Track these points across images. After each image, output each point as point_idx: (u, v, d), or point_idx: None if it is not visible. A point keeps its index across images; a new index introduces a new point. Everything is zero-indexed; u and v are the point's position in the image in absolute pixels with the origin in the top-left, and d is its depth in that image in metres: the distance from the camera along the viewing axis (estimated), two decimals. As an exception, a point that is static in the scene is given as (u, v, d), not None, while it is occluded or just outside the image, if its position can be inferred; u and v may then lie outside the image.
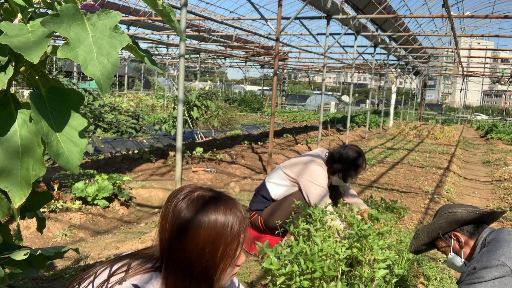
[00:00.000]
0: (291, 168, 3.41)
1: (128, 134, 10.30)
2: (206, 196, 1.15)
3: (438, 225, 1.97)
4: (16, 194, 1.06)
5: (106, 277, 1.15)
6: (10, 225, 3.43)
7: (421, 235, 2.04)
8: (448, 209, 1.98)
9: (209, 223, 1.10)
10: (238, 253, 1.16)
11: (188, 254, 1.10)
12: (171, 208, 1.14)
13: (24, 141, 1.08)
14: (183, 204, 1.13)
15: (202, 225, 1.10)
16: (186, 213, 1.12)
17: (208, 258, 1.10)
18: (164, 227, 1.13)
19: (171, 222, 1.12)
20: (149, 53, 1.18)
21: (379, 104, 28.92)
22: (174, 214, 1.12)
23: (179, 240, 1.10)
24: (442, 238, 1.97)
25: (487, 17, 10.18)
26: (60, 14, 0.95)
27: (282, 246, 2.39)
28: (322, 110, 9.10)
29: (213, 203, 1.13)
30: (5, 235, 1.42)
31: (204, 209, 1.12)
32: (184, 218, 1.11)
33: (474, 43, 38.14)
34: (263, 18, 7.99)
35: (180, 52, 4.32)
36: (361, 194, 5.68)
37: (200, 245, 1.10)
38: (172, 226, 1.12)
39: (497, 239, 1.78)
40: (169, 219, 1.13)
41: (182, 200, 1.14)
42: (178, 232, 1.11)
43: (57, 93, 1.10)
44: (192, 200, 1.13)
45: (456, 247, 1.96)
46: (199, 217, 1.10)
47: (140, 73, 37.58)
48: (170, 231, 1.12)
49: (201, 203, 1.13)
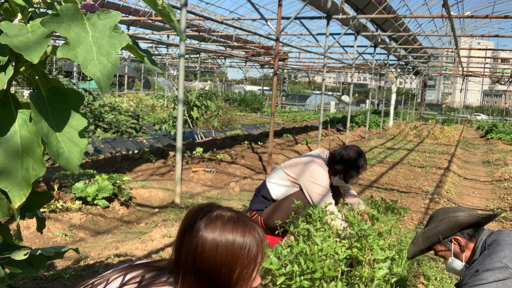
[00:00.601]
0: (291, 168, 3.41)
1: (128, 134, 10.30)
2: (225, 216, 1.13)
3: (439, 230, 1.94)
4: (16, 194, 1.06)
5: (119, 286, 1.13)
6: (10, 225, 3.43)
7: (420, 241, 2.01)
8: (447, 213, 1.95)
9: (227, 244, 1.09)
10: (255, 276, 1.14)
11: (204, 274, 1.09)
12: (189, 225, 1.12)
13: (24, 141, 1.08)
14: (202, 224, 1.11)
15: (219, 246, 1.08)
16: (204, 232, 1.10)
17: (223, 280, 1.09)
18: (181, 245, 1.12)
19: (188, 240, 1.11)
20: (149, 53, 1.18)
21: (379, 104, 28.93)
22: (192, 232, 1.11)
23: (195, 259, 1.09)
24: (443, 242, 1.95)
25: (487, 17, 10.18)
26: (60, 14, 0.95)
27: (282, 246, 2.40)
28: (322, 110, 9.10)
29: (232, 223, 1.12)
30: (5, 235, 1.42)
31: (222, 229, 1.10)
32: (201, 237, 1.09)
33: (474, 43, 38.14)
34: (263, 18, 7.99)
35: (180, 52, 4.32)
36: (361, 194, 5.68)
37: (217, 266, 1.08)
38: (189, 245, 1.10)
39: (498, 241, 1.77)
40: (186, 237, 1.11)
41: (201, 219, 1.12)
42: (195, 251, 1.09)
43: (57, 93, 1.10)
44: (210, 220, 1.12)
45: (456, 251, 1.94)
46: (217, 238, 1.09)
47: (140, 73, 37.58)
48: (187, 249, 1.10)
49: (219, 223, 1.11)
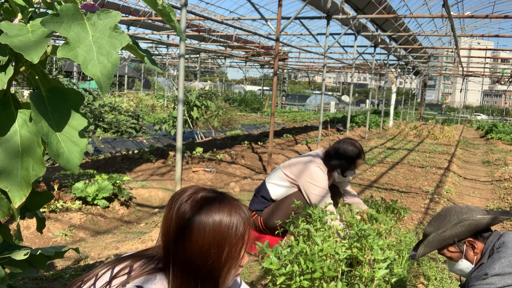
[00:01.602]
0: (290, 168, 3.41)
1: (128, 134, 10.30)
2: (210, 198, 1.14)
3: (456, 232, 1.87)
4: (16, 194, 1.06)
5: (108, 280, 1.14)
6: (10, 225, 3.43)
7: (434, 244, 1.93)
8: (461, 215, 1.88)
9: (214, 225, 1.10)
10: (243, 254, 1.15)
11: (193, 256, 1.10)
12: (175, 210, 1.13)
13: (24, 141, 1.08)
14: (187, 206, 1.12)
15: (207, 227, 1.09)
16: (190, 215, 1.11)
17: (213, 260, 1.10)
18: (168, 229, 1.13)
19: (176, 224, 1.11)
20: (149, 53, 1.18)
21: (379, 104, 28.92)
22: (178, 216, 1.12)
23: (184, 242, 1.10)
24: (456, 244, 1.89)
25: (487, 17, 10.18)
26: (60, 14, 0.95)
27: (282, 246, 2.40)
28: (322, 110, 9.10)
29: (217, 204, 1.13)
30: (5, 235, 1.42)
31: (209, 210, 1.11)
32: (188, 220, 1.10)
33: (474, 43, 38.15)
34: (263, 18, 7.99)
35: (180, 52, 4.32)
36: (361, 194, 5.68)
37: (206, 247, 1.09)
38: (177, 228, 1.11)
39: (507, 245, 1.74)
40: (173, 221, 1.12)
41: (186, 201, 1.13)
42: (183, 234, 1.10)
43: (57, 93, 1.10)
44: (196, 202, 1.13)
45: (469, 254, 1.89)
46: (203, 219, 1.10)
47: (140, 73, 37.57)
48: (175, 233, 1.11)
49: (205, 204, 1.12)
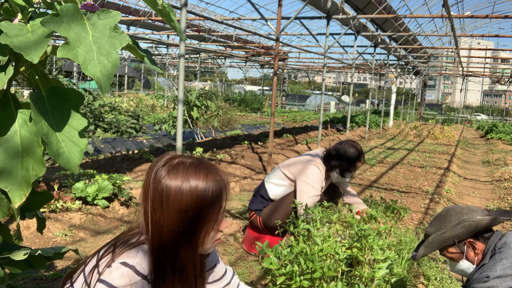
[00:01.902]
0: (289, 167, 3.40)
1: (128, 134, 10.30)
2: (187, 162, 1.17)
3: (456, 233, 1.87)
4: (16, 194, 1.06)
5: (95, 263, 1.18)
6: (10, 225, 3.43)
7: (434, 245, 1.93)
8: (462, 215, 1.88)
9: (191, 188, 1.13)
10: (220, 217, 1.19)
11: (171, 219, 1.13)
12: (152, 175, 1.16)
13: (24, 141, 1.08)
14: (164, 171, 1.15)
15: (183, 190, 1.13)
16: (167, 179, 1.14)
17: (190, 222, 1.14)
18: (147, 195, 1.16)
19: (153, 189, 1.15)
20: (149, 53, 1.18)
21: (379, 104, 28.92)
22: (156, 181, 1.15)
23: (162, 206, 1.13)
24: (457, 245, 1.89)
25: (487, 17, 10.18)
26: (60, 14, 0.95)
27: (282, 246, 2.40)
28: (322, 110, 9.10)
29: (194, 168, 1.16)
30: (5, 235, 1.42)
31: (185, 174, 1.14)
32: (165, 184, 1.14)
33: (474, 43, 38.14)
34: (263, 18, 7.99)
35: (180, 52, 4.32)
36: (361, 194, 5.68)
37: (183, 209, 1.13)
38: (154, 193, 1.14)
39: (508, 245, 1.74)
40: (151, 187, 1.15)
41: (162, 166, 1.17)
42: (161, 198, 1.13)
43: (57, 93, 1.10)
44: (173, 166, 1.16)
45: (470, 254, 1.89)
46: (180, 183, 1.13)
47: (140, 73, 37.57)
48: (153, 198, 1.15)
49: (181, 169, 1.15)
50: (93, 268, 1.17)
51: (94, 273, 1.16)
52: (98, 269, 1.15)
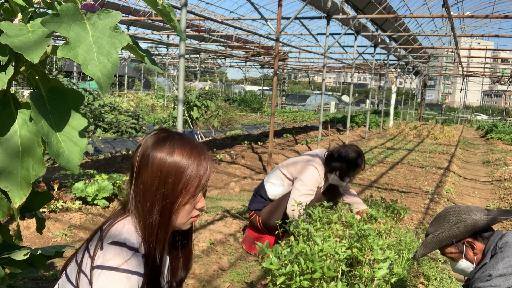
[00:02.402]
0: (288, 167, 3.41)
1: (128, 134, 10.30)
2: (175, 136, 1.26)
3: (454, 233, 1.88)
4: (16, 194, 1.06)
5: (85, 247, 1.21)
6: (10, 225, 3.43)
7: (432, 244, 1.94)
8: (460, 215, 1.89)
9: (175, 158, 1.21)
10: (199, 194, 1.25)
11: (152, 182, 1.20)
12: (142, 144, 1.26)
13: (24, 141, 1.08)
14: (150, 141, 1.24)
15: (167, 157, 1.21)
16: (153, 149, 1.23)
17: (169, 188, 1.20)
18: (134, 162, 1.25)
19: (140, 155, 1.23)
20: (149, 53, 1.18)
21: (379, 104, 28.92)
22: (143, 148, 1.24)
23: (146, 169, 1.21)
24: (455, 245, 1.90)
25: (487, 17, 10.18)
26: (60, 14, 0.95)
27: (282, 246, 2.40)
28: (322, 110, 9.09)
29: (181, 141, 1.25)
30: (5, 235, 1.42)
31: (171, 149, 1.23)
32: (151, 153, 1.22)
33: (474, 43, 38.15)
34: (263, 18, 7.99)
35: (180, 52, 4.32)
36: (361, 194, 5.68)
37: (163, 174, 1.20)
38: (141, 160, 1.23)
39: (510, 245, 1.74)
40: (138, 154, 1.24)
41: (151, 136, 1.26)
42: (146, 161, 1.22)
43: (57, 93, 1.10)
44: (162, 137, 1.25)
45: (468, 253, 1.89)
46: (164, 156, 1.21)
47: (140, 73, 37.57)
48: (139, 162, 1.23)
49: (168, 141, 1.24)
50: (84, 252, 1.19)
51: (86, 257, 1.18)
52: (89, 253, 1.17)
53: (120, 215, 1.25)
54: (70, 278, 1.22)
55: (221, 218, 4.26)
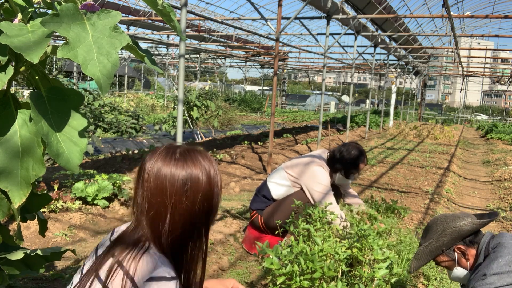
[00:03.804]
0: (292, 168, 3.42)
1: (128, 134, 10.30)
2: (177, 153, 1.18)
3: (442, 242, 1.90)
4: (16, 194, 1.06)
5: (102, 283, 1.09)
6: (10, 225, 3.43)
7: (424, 256, 1.96)
8: (446, 223, 1.91)
9: (171, 176, 1.14)
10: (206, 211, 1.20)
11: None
12: (144, 162, 1.18)
13: (24, 141, 1.08)
14: (148, 159, 1.17)
15: (165, 176, 1.14)
16: (150, 164, 1.15)
17: (162, 206, 1.13)
18: (167, 194, 1.14)
19: (143, 172, 1.16)
20: (149, 53, 1.18)
21: (379, 104, 28.91)
22: (145, 168, 1.16)
23: (150, 185, 1.13)
24: (446, 253, 1.91)
25: (487, 17, 10.18)
26: (60, 14, 0.95)
27: (282, 246, 2.40)
28: (322, 110, 9.10)
29: (182, 160, 1.17)
30: (5, 235, 1.42)
31: (173, 164, 1.16)
32: (151, 169, 1.15)
33: (474, 43, 38.14)
34: (263, 18, 7.99)
35: (180, 52, 4.32)
36: (361, 194, 5.68)
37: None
38: (143, 173, 1.16)
39: (503, 244, 1.75)
40: (142, 171, 1.16)
41: (151, 156, 1.17)
42: (149, 180, 1.14)
43: (57, 93, 1.10)
44: (161, 155, 1.17)
45: (460, 260, 1.91)
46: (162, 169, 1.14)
47: (140, 73, 37.56)
48: (143, 179, 1.15)
49: (171, 159, 1.16)
50: None
51: None
52: None
53: (138, 246, 1.14)
54: None
55: (221, 218, 4.26)
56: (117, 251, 1.14)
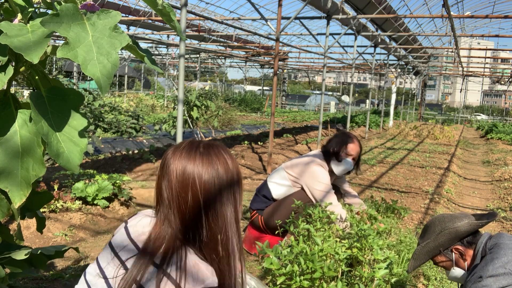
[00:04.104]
0: (292, 168, 3.42)
1: (128, 134, 10.29)
2: (200, 148, 1.18)
3: (439, 242, 1.91)
4: (16, 194, 1.06)
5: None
6: (10, 225, 3.43)
7: (421, 256, 1.97)
8: (444, 224, 1.92)
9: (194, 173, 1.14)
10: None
11: (175, 193, 1.13)
12: (165, 158, 1.17)
13: (24, 141, 1.08)
14: (170, 153, 1.17)
15: (188, 172, 1.14)
16: (173, 160, 1.15)
17: (185, 200, 1.12)
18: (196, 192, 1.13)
19: (166, 168, 1.15)
20: (149, 53, 1.18)
21: (379, 104, 28.92)
22: (167, 162, 1.16)
23: (170, 181, 1.13)
24: (443, 253, 1.92)
25: (487, 17, 10.18)
26: (60, 14, 0.95)
27: (282, 246, 2.40)
28: (322, 110, 9.10)
29: (206, 156, 1.17)
30: (5, 235, 1.42)
31: (192, 159, 1.16)
32: (174, 165, 1.15)
33: (474, 43, 38.14)
34: (263, 18, 7.99)
35: (180, 52, 4.32)
36: (361, 194, 5.68)
37: (183, 187, 1.13)
38: (166, 169, 1.15)
39: (499, 245, 1.75)
40: (164, 167, 1.16)
41: (175, 151, 1.17)
42: (170, 175, 1.14)
43: (57, 93, 1.10)
44: (183, 149, 1.18)
45: (458, 260, 1.92)
46: (185, 165, 1.14)
47: (140, 73, 37.56)
48: (163, 174, 1.15)
49: (188, 153, 1.17)
50: None
51: None
52: None
53: (177, 251, 1.11)
54: None
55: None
56: (157, 258, 1.10)
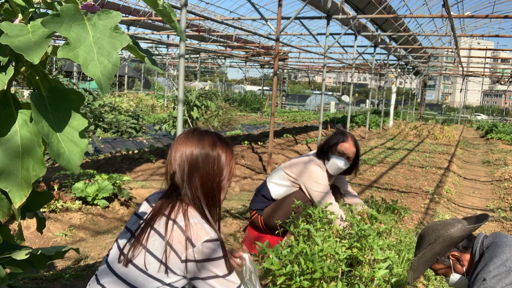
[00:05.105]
0: (291, 168, 3.42)
1: (128, 134, 10.29)
2: (208, 132, 1.62)
3: (435, 251, 1.92)
4: (16, 194, 1.06)
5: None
6: (10, 225, 3.43)
7: (420, 267, 1.97)
8: (438, 231, 1.92)
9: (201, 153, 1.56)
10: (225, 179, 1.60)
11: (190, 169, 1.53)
12: (179, 141, 1.56)
13: (25, 141, 1.08)
14: (183, 137, 1.57)
15: (199, 154, 1.54)
16: (185, 146, 1.55)
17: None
18: (174, 154, 1.55)
19: (180, 151, 1.55)
20: (149, 53, 1.18)
21: (379, 104, 28.91)
22: (180, 146, 1.55)
23: (182, 159, 1.52)
24: (441, 261, 1.93)
25: (487, 17, 10.18)
26: (60, 14, 0.95)
27: (282, 246, 2.40)
28: (322, 110, 9.10)
29: (212, 139, 1.60)
30: (5, 235, 1.42)
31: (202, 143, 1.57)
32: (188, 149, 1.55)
33: (474, 43, 38.14)
34: (263, 18, 7.99)
35: (180, 52, 4.32)
36: (361, 194, 5.68)
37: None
38: (179, 152, 1.55)
39: (497, 244, 1.76)
40: (175, 150, 1.55)
41: (190, 133, 1.58)
42: (182, 157, 1.53)
43: (57, 93, 1.10)
44: (193, 135, 1.58)
45: (457, 267, 1.92)
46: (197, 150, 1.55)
47: (140, 73, 37.56)
48: (174, 156, 1.54)
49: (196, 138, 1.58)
50: (166, 247, 1.40)
51: (171, 253, 1.39)
52: (175, 250, 1.40)
53: (177, 206, 1.47)
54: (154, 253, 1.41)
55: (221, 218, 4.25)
56: (166, 210, 1.48)
